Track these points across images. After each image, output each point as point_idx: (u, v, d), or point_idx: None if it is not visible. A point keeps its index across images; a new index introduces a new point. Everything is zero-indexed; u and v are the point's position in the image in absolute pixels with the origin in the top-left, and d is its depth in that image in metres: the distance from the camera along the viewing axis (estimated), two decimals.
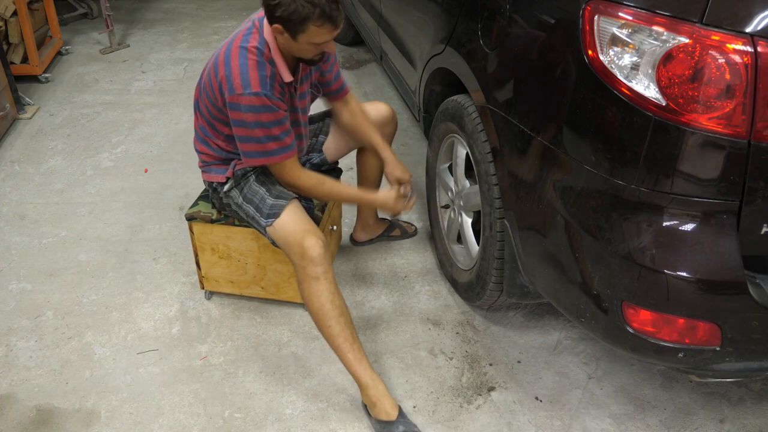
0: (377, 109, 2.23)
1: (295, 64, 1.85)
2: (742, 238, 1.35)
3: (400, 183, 2.09)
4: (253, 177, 1.95)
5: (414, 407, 1.89)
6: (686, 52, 1.25)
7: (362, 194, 2.12)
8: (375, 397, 1.80)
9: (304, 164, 2.18)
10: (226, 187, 1.97)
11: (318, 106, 2.21)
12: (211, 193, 2.07)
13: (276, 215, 1.86)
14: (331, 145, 2.22)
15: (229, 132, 1.87)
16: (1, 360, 2.07)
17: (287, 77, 1.80)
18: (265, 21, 1.75)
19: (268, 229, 1.89)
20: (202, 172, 2.04)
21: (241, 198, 1.95)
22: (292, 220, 1.85)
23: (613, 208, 1.42)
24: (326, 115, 2.22)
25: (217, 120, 1.87)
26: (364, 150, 2.29)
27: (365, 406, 1.86)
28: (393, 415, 1.79)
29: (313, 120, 2.20)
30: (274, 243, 1.92)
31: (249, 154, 1.83)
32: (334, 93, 2.09)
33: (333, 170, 2.30)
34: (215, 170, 1.99)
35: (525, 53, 1.64)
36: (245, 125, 1.76)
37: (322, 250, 1.79)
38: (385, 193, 2.03)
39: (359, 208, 2.46)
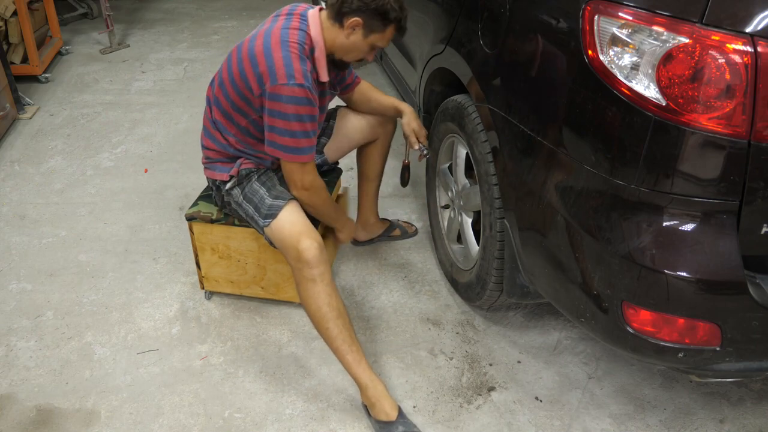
0: None
1: (330, 65, 1.88)
2: (742, 238, 1.35)
3: (415, 135, 2.16)
4: (256, 177, 1.95)
5: (414, 407, 1.89)
6: (686, 52, 1.25)
7: (340, 216, 2.10)
8: (374, 397, 1.80)
9: None
10: (228, 185, 1.97)
11: None
12: (214, 191, 2.06)
13: (273, 216, 1.86)
14: (332, 146, 2.22)
15: (245, 123, 1.86)
16: (1, 360, 2.07)
17: (324, 77, 1.82)
18: (314, 18, 1.78)
19: (265, 229, 1.89)
20: (206, 168, 2.03)
21: (241, 197, 1.95)
22: (288, 222, 1.85)
23: (613, 208, 1.42)
24: (330, 118, 2.23)
25: (236, 110, 1.86)
26: (363, 149, 2.29)
27: (365, 407, 1.86)
28: (392, 415, 1.79)
29: None
30: (272, 243, 1.92)
31: (278, 146, 1.79)
32: (349, 86, 2.14)
33: (333, 170, 2.31)
34: (219, 168, 1.98)
35: (525, 53, 1.64)
36: (284, 117, 1.74)
37: (317, 252, 1.79)
38: (350, 228, 2.14)
39: (360, 207, 2.46)
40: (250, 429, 1.84)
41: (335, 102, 2.22)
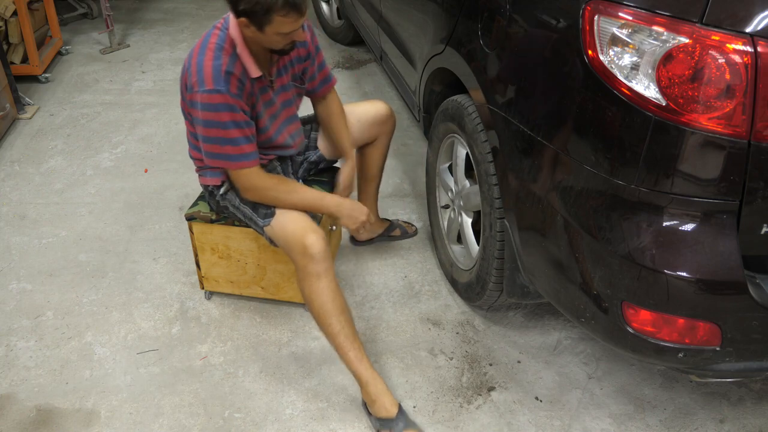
0: (375, 107, 2.22)
1: (268, 56, 1.83)
2: (742, 238, 1.35)
3: (345, 189, 2.12)
4: None
5: (414, 407, 1.89)
6: (686, 52, 1.25)
7: (324, 197, 1.93)
8: (375, 394, 1.81)
9: (301, 163, 2.18)
10: (222, 190, 1.97)
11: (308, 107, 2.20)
12: (207, 196, 2.06)
13: (273, 214, 1.86)
14: (330, 145, 2.21)
15: None
16: (1, 360, 2.07)
17: (254, 72, 1.76)
18: (231, 17, 1.73)
19: (266, 228, 1.88)
20: (199, 176, 2.04)
21: (237, 200, 1.94)
22: (290, 219, 1.85)
23: (613, 208, 1.42)
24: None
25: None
26: (363, 149, 2.29)
27: (365, 405, 1.86)
28: (393, 412, 1.80)
29: (305, 121, 2.20)
30: (272, 242, 1.92)
31: (209, 155, 1.80)
32: (316, 89, 2.06)
33: (330, 169, 2.30)
34: (210, 173, 1.98)
35: (525, 53, 1.64)
36: (202, 123, 1.74)
37: (323, 247, 1.79)
38: (352, 204, 1.95)
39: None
40: (250, 429, 1.84)
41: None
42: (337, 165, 2.34)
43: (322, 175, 2.25)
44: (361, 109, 2.21)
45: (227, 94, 1.70)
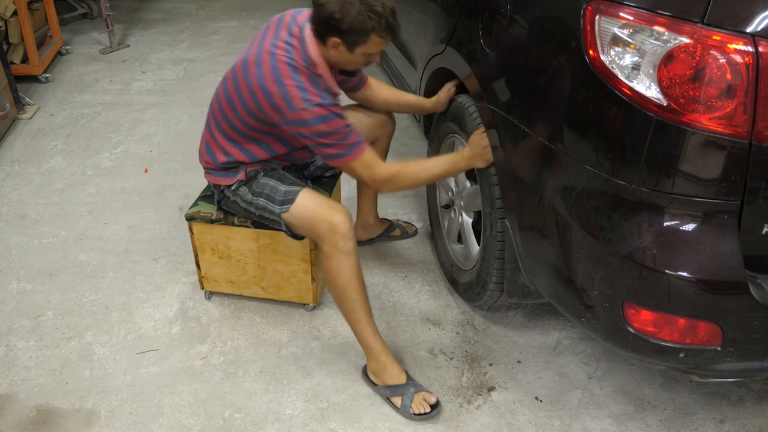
0: (376, 109, 2.23)
1: (333, 71, 1.87)
2: (743, 238, 1.35)
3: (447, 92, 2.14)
4: (262, 174, 1.95)
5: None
6: (687, 52, 1.25)
7: (453, 156, 1.92)
8: (385, 362, 1.89)
9: (308, 166, 2.18)
10: (233, 186, 1.96)
11: None
12: (217, 194, 2.06)
13: (291, 201, 1.87)
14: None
15: (264, 137, 1.86)
16: (1, 360, 2.06)
17: (336, 89, 1.83)
18: (309, 35, 1.74)
19: (283, 215, 1.88)
20: (207, 173, 2.03)
21: (250, 194, 1.94)
22: (313, 200, 1.87)
23: (614, 208, 1.42)
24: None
25: (255, 130, 1.85)
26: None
27: (370, 381, 1.94)
28: (402, 379, 1.89)
29: None
30: (288, 230, 1.91)
31: (333, 156, 1.79)
32: (357, 86, 2.12)
33: (334, 176, 2.29)
34: (221, 174, 1.97)
35: (526, 53, 1.64)
36: (321, 135, 1.73)
37: (351, 225, 1.82)
38: (469, 149, 1.88)
39: (359, 208, 2.46)
40: (250, 429, 1.84)
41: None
42: (338, 170, 2.33)
43: (323, 177, 2.25)
44: (361, 111, 2.22)
45: (332, 104, 1.74)
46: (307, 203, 1.86)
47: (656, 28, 1.29)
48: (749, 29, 1.21)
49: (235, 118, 1.85)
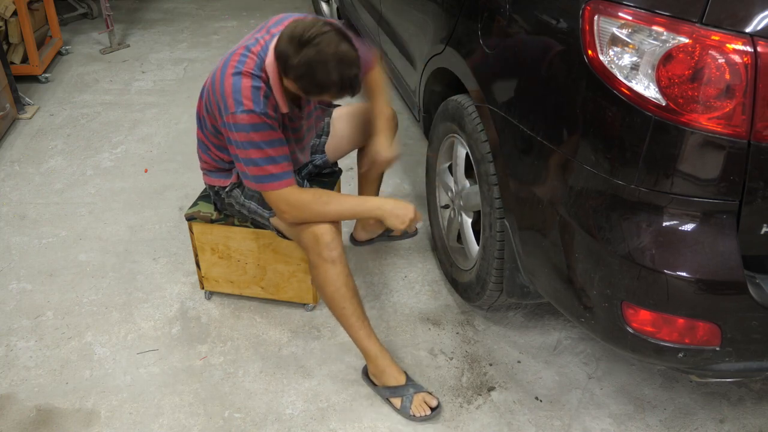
0: None
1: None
2: (741, 238, 1.35)
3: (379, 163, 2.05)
4: None
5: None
6: (686, 52, 1.25)
7: (365, 201, 1.91)
8: (384, 365, 1.89)
9: (306, 165, 2.18)
10: (228, 188, 1.97)
11: None
12: (213, 196, 2.06)
13: None
14: (331, 145, 2.22)
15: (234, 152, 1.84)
16: (1, 360, 2.07)
17: (284, 108, 1.75)
18: (271, 57, 1.67)
19: (272, 219, 1.89)
20: (204, 174, 2.04)
21: (243, 196, 1.95)
22: None
23: (613, 208, 1.42)
24: (327, 115, 2.22)
25: (218, 139, 1.85)
26: (363, 151, 2.29)
27: (371, 381, 1.93)
28: (401, 380, 1.89)
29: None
30: (279, 233, 1.92)
31: (247, 176, 1.75)
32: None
33: (333, 173, 2.30)
34: (217, 175, 1.98)
35: (525, 53, 1.64)
36: (240, 145, 1.70)
37: (335, 233, 1.81)
38: (395, 202, 1.84)
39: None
40: (250, 429, 1.84)
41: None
42: (338, 168, 2.34)
43: (323, 177, 2.25)
44: (362, 109, 2.21)
45: (266, 115, 1.68)
46: None
47: (655, 28, 1.29)
48: (748, 29, 1.21)
49: (207, 119, 1.85)
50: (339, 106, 2.23)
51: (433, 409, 1.84)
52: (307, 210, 1.78)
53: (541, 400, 1.92)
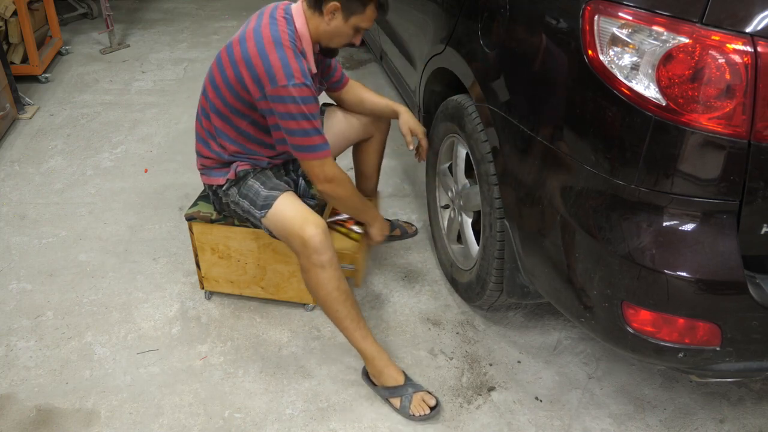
0: None
1: (316, 56, 1.87)
2: (742, 238, 1.35)
3: (413, 133, 2.16)
4: (252, 176, 1.95)
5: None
6: (686, 52, 1.25)
7: (368, 209, 2.07)
8: (381, 366, 1.89)
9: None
10: (225, 186, 1.97)
11: None
12: (211, 196, 2.07)
13: (269, 206, 1.86)
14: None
15: (246, 126, 1.87)
16: (1, 360, 2.07)
17: (314, 68, 1.82)
18: (299, 10, 1.77)
19: (263, 220, 1.89)
20: (202, 174, 2.04)
21: (237, 195, 1.95)
22: (288, 210, 1.85)
23: (613, 208, 1.42)
24: (319, 113, 2.22)
25: (237, 114, 1.86)
26: (359, 147, 2.29)
27: (368, 379, 1.94)
28: (400, 380, 1.89)
29: None
30: (272, 234, 1.92)
31: (295, 147, 1.80)
32: (338, 83, 2.13)
33: None
34: (215, 173, 1.99)
35: (525, 53, 1.64)
36: (292, 117, 1.73)
37: (323, 237, 1.80)
38: (381, 222, 2.10)
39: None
40: (250, 429, 1.84)
41: (322, 98, 2.20)
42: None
43: None
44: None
45: (312, 87, 1.74)
46: (282, 213, 1.85)
47: (655, 27, 1.29)
48: (748, 29, 1.21)
49: (216, 99, 1.87)
50: (332, 104, 2.23)
51: (432, 409, 1.84)
52: (339, 186, 1.88)
53: (541, 400, 1.92)
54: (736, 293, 1.36)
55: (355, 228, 2.25)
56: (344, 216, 2.26)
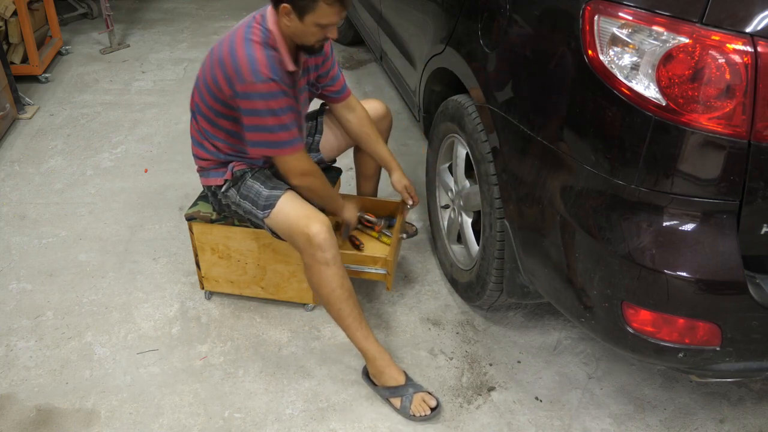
0: (371, 106, 2.23)
1: (296, 54, 1.85)
2: (742, 238, 1.35)
3: (408, 190, 2.20)
4: (250, 175, 1.95)
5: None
6: (686, 52, 1.25)
7: (337, 197, 2.08)
8: (383, 366, 1.89)
9: None
10: (223, 188, 1.97)
11: (312, 106, 2.20)
12: (210, 197, 2.06)
13: (272, 205, 1.87)
14: (325, 143, 2.22)
15: (230, 126, 1.86)
16: (1, 360, 2.07)
17: (290, 66, 1.80)
18: (269, 11, 1.76)
19: (266, 220, 1.89)
20: (200, 176, 2.04)
21: (238, 196, 1.95)
22: (291, 208, 1.85)
23: (613, 208, 1.42)
24: (318, 114, 2.22)
25: (219, 116, 1.86)
26: (360, 149, 2.29)
27: (369, 378, 1.94)
28: (401, 380, 1.88)
29: (306, 119, 2.20)
30: (275, 234, 1.92)
31: (257, 144, 1.81)
32: (336, 94, 2.09)
33: (331, 170, 2.30)
34: (213, 174, 1.99)
35: (525, 53, 1.64)
36: (257, 113, 1.75)
37: (328, 234, 1.80)
38: (350, 204, 2.12)
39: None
40: (250, 429, 1.84)
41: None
42: (335, 166, 2.34)
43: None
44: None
45: (281, 82, 1.73)
46: (285, 211, 1.85)
47: (655, 28, 1.29)
48: (748, 29, 1.21)
49: (201, 101, 1.88)
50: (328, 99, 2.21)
51: (432, 409, 1.84)
52: (311, 179, 1.89)
53: (541, 400, 1.92)
54: (736, 293, 1.36)
55: (386, 232, 2.25)
56: (374, 220, 2.26)
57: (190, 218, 2.12)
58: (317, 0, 1.65)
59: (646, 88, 1.31)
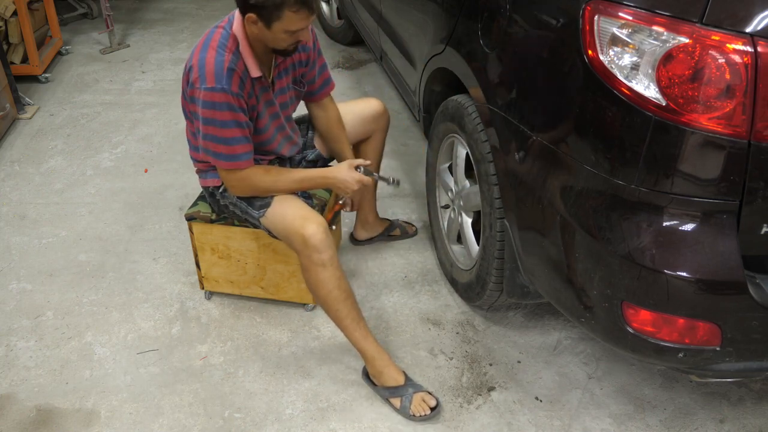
0: (369, 104, 2.23)
1: (270, 57, 1.84)
2: (742, 238, 1.35)
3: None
4: None
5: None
6: (686, 52, 1.25)
7: (310, 172, 1.94)
8: (382, 366, 1.89)
9: (299, 162, 2.18)
10: (221, 188, 1.97)
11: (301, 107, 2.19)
12: (208, 197, 2.07)
13: (267, 204, 1.87)
14: (325, 143, 2.21)
15: None
16: (1, 360, 2.07)
17: (255, 72, 1.77)
18: (236, 15, 1.74)
19: (261, 220, 1.89)
20: (199, 177, 2.04)
21: (234, 197, 1.95)
22: (287, 209, 1.85)
23: (613, 208, 1.42)
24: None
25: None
26: (358, 146, 2.28)
27: (368, 378, 1.94)
28: (400, 380, 1.88)
29: (299, 121, 2.20)
30: (271, 234, 1.92)
31: (203, 149, 1.82)
32: (315, 92, 2.07)
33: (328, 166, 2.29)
34: (211, 174, 1.99)
35: (525, 53, 1.64)
36: (201, 121, 1.76)
37: (324, 235, 1.79)
38: (343, 171, 1.90)
39: (359, 206, 2.45)
40: (250, 429, 1.84)
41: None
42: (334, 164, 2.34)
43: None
44: (354, 107, 2.22)
45: (228, 92, 1.70)
46: (281, 212, 1.85)
47: (655, 28, 1.29)
48: (748, 29, 1.21)
49: (183, 106, 1.89)
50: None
51: (432, 409, 1.84)
52: (253, 186, 1.86)
53: (541, 400, 1.92)
54: (736, 293, 1.36)
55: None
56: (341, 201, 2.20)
57: (190, 218, 2.12)
58: (282, 8, 1.62)
59: (646, 88, 1.31)
